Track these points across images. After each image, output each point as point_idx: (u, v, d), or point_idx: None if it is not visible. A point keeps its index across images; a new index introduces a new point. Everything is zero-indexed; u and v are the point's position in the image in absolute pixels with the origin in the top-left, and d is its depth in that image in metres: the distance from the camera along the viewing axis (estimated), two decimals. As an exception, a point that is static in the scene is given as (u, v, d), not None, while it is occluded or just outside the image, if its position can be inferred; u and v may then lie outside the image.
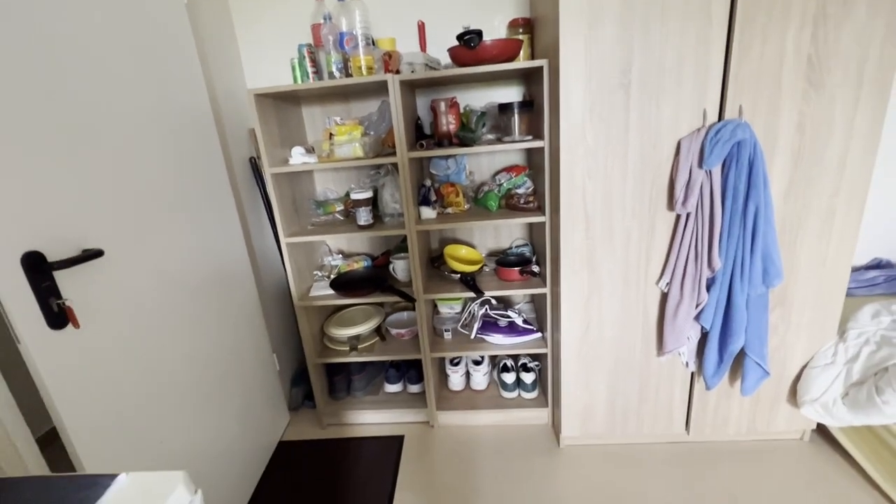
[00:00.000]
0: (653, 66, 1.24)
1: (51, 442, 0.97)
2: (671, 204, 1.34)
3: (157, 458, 1.17)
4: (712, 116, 1.27)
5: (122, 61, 1.17)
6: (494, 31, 1.79)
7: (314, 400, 1.94)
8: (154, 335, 1.21)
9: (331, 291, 1.79)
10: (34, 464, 0.93)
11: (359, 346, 1.86)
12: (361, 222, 1.69)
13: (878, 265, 1.93)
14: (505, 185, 1.78)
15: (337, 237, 1.70)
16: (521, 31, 1.64)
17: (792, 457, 1.61)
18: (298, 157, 1.65)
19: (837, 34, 1.17)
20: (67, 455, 0.94)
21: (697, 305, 1.38)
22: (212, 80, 1.67)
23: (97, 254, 1.00)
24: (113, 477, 0.55)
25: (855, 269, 1.94)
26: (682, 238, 1.34)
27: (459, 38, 1.37)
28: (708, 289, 1.36)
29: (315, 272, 1.95)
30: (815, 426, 1.62)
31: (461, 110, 1.78)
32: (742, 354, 1.40)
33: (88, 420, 0.98)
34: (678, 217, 1.35)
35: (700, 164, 1.25)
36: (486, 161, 1.93)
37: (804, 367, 1.51)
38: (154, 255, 1.23)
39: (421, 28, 1.78)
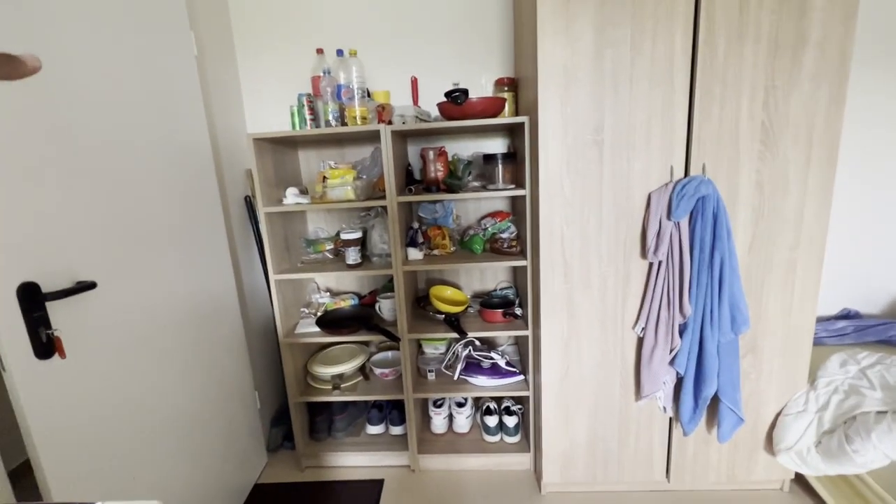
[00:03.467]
0: (623, 126, 1.35)
1: (22, 475, 0.96)
2: (644, 252, 1.42)
3: (127, 495, 1.15)
4: (679, 172, 1.37)
5: (130, 103, 1.25)
6: (482, 88, 1.93)
7: (293, 441, 1.91)
8: (137, 368, 1.22)
9: (316, 329, 1.81)
10: (4, 496, 0.92)
11: (342, 386, 1.86)
12: (350, 261, 1.75)
13: (846, 315, 2.01)
14: (490, 229, 1.86)
15: (326, 275, 1.75)
16: (506, 88, 1.78)
17: (772, 507, 1.60)
18: (292, 198, 1.72)
19: (786, 102, 1.30)
20: (38, 488, 0.93)
21: (671, 350, 1.42)
22: (213, 121, 1.76)
23: (90, 286, 1.04)
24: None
25: (825, 319, 2.01)
26: (654, 285, 1.41)
27: (447, 94, 1.49)
28: (681, 334, 1.41)
29: (302, 309, 1.97)
30: (793, 475, 1.63)
31: (449, 159, 1.90)
32: (716, 400, 1.44)
33: (63, 452, 0.98)
34: (651, 265, 1.42)
35: (668, 217, 1.34)
36: (473, 206, 2.02)
37: (778, 414, 1.54)
38: (144, 288, 1.27)
39: (414, 83, 1.92)
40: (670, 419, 1.58)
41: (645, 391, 1.47)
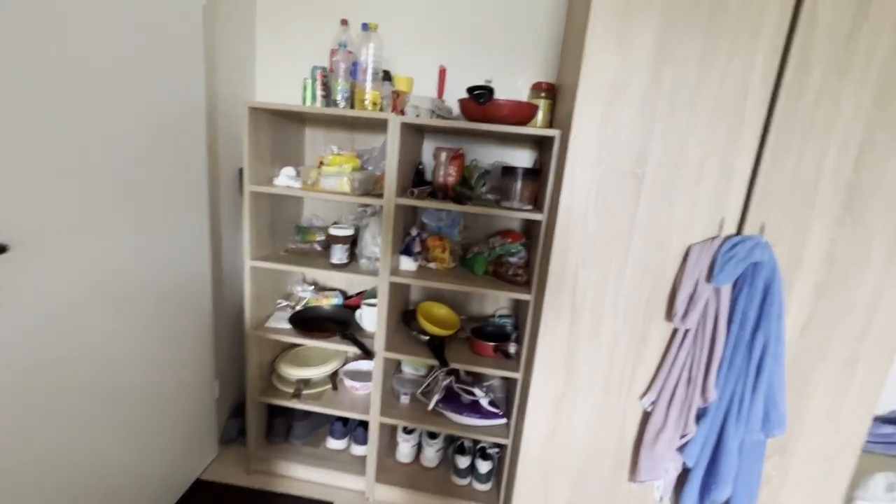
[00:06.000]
0: (672, 160, 1.11)
1: None
2: (670, 315, 1.18)
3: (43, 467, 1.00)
4: (730, 228, 1.12)
5: (107, 37, 1.09)
6: (517, 91, 1.71)
7: (248, 439, 1.75)
8: (67, 341, 1.08)
9: (288, 325, 1.64)
10: None
11: (304, 392, 1.68)
12: (334, 260, 1.56)
13: (895, 419, 1.71)
14: (497, 249, 1.64)
15: (308, 270, 1.56)
16: (543, 95, 1.55)
17: None
18: (284, 180, 1.55)
19: (885, 163, 1.04)
20: None
21: (683, 436, 1.18)
22: (216, 83, 1.60)
23: None
24: None
25: (872, 419, 1.72)
26: (676, 356, 1.17)
27: (470, 91, 1.28)
28: (697, 420, 1.17)
29: (279, 301, 1.80)
30: None
31: (467, 164, 1.68)
32: (727, 504, 1.19)
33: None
34: (675, 331, 1.18)
35: (708, 279, 1.09)
36: (484, 220, 1.80)
37: (799, 532, 1.28)
38: (87, 256, 1.11)
39: (442, 74, 1.71)
40: (666, 510, 1.34)
41: (642, 475, 1.24)
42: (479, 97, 1.25)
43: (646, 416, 1.26)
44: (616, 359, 1.25)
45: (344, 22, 1.66)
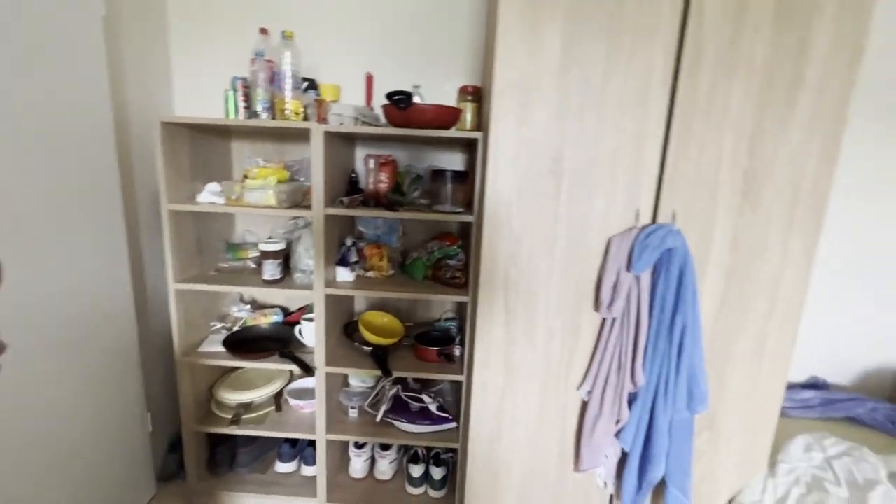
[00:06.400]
0: (586, 157, 1.15)
1: None
2: (597, 305, 1.22)
3: None
4: (646, 217, 1.18)
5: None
6: (445, 95, 1.72)
7: (187, 473, 1.64)
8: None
9: (222, 349, 1.56)
10: None
11: (245, 417, 1.60)
12: (267, 276, 1.50)
13: (814, 385, 1.85)
14: (435, 253, 1.63)
15: (239, 288, 1.50)
16: (469, 98, 1.57)
17: None
18: (208, 196, 1.47)
19: (774, 151, 1.12)
20: None
21: (617, 422, 1.22)
22: (125, 98, 1.50)
23: None
24: None
25: (791, 386, 1.85)
26: (606, 344, 1.21)
27: (389, 97, 1.27)
28: (630, 405, 1.21)
29: (214, 323, 1.71)
30: (742, 568, 1.44)
31: (402, 169, 1.67)
32: (664, 483, 1.24)
33: None
34: (604, 321, 1.22)
35: (628, 268, 1.14)
36: (423, 225, 1.79)
37: (731, 501, 1.35)
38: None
39: (369, 80, 1.70)
40: (611, 496, 1.37)
41: (584, 464, 1.27)
42: (399, 102, 1.25)
43: (584, 406, 1.29)
44: (552, 353, 1.27)
45: (263, 31, 1.61)
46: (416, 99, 1.56)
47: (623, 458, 1.28)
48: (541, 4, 1.08)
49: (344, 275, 1.54)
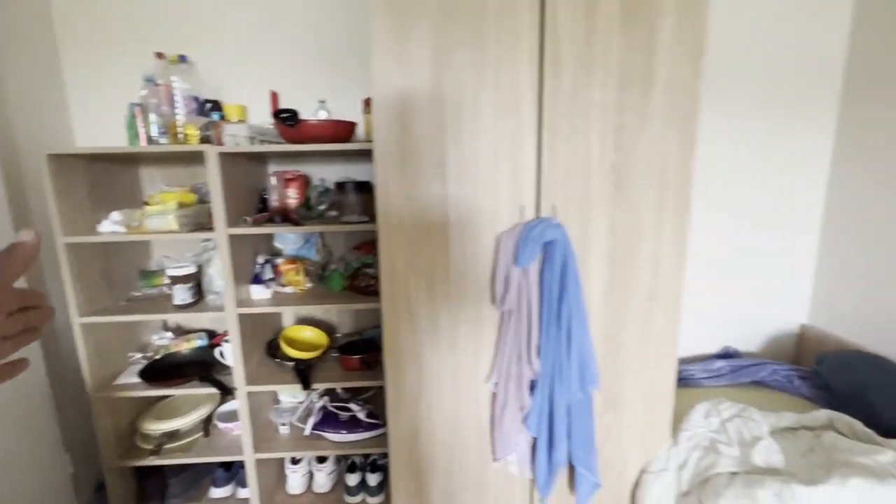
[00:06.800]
0: (468, 160, 1.21)
1: None
2: (493, 299, 1.28)
3: None
4: (530, 213, 1.25)
5: None
6: (353, 108, 1.75)
7: (117, 510, 1.60)
8: None
9: (138, 380, 1.53)
10: None
11: (170, 446, 1.58)
12: (177, 301, 1.49)
13: (725, 355, 1.99)
14: (353, 263, 1.67)
15: (149, 317, 1.48)
16: (368, 110, 1.62)
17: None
18: (109, 226, 1.45)
19: (637, 143, 1.21)
20: None
21: (522, 409, 1.28)
22: (13, 133, 1.46)
23: None
24: None
25: (705, 358, 1.98)
26: (505, 336, 1.27)
27: (275, 115, 1.30)
28: (532, 392, 1.28)
29: (132, 354, 1.68)
30: (662, 535, 1.53)
31: (315, 184, 1.70)
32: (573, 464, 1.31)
33: None
34: (502, 314, 1.28)
35: (515, 262, 1.21)
36: (342, 237, 1.82)
37: (641, 472, 1.44)
38: None
39: (274, 98, 1.72)
40: (531, 481, 1.43)
41: (498, 453, 1.33)
42: (286, 120, 1.28)
43: (494, 398, 1.34)
44: (459, 349, 1.32)
45: (160, 55, 1.61)
46: (321, 113, 1.60)
47: (535, 445, 1.34)
48: (407, 14, 1.13)
49: (259, 292, 1.54)
